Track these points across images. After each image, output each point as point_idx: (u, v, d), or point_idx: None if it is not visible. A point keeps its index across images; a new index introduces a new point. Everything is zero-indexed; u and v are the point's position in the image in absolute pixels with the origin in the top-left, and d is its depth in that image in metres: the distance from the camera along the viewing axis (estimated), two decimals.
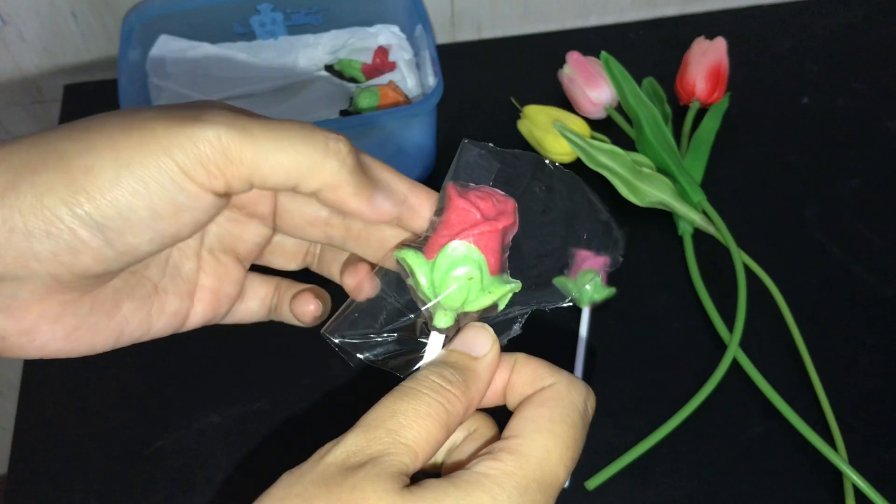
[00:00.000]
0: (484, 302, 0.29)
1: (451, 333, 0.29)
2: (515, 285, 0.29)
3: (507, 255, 0.29)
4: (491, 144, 0.30)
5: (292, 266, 0.35)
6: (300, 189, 0.27)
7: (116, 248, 0.26)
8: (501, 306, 0.30)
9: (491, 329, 0.29)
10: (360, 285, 0.32)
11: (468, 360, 0.29)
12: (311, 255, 0.35)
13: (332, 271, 0.34)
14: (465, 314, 0.29)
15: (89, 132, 0.26)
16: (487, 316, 0.30)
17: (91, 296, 0.28)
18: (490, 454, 0.26)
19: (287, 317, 0.35)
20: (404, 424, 0.26)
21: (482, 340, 0.29)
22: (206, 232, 0.32)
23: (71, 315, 0.27)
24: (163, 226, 0.26)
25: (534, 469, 0.26)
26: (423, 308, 0.29)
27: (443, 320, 0.29)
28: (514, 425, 0.27)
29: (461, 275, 0.28)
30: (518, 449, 0.26)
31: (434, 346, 0.29)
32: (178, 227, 0.27)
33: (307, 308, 0.33)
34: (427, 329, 0.30)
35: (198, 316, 0.32)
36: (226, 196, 0.27)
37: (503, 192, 0.29)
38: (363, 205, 0.28)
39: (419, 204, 0.30)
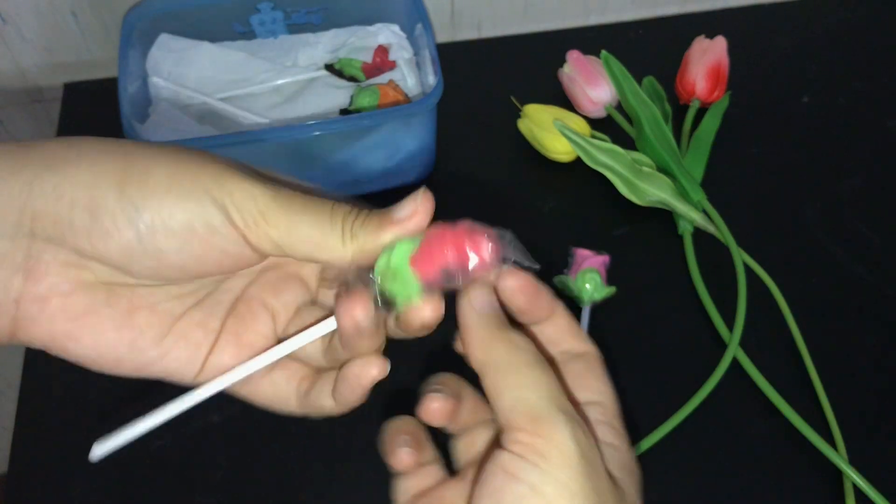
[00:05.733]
0: (395, 282, 0.29)
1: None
2: (416, 297, 0.29)
3: (451, 282, 0.29)
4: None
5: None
6: (325, 263, 0.30)
7: (145, 245, 0.28)
8: (400, 304, 0.29)
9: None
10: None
11: None
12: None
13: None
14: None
15: (153, 146, 0.29)
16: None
17: (108, 286, 0.29)
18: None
19: (320, 403, 0.32)
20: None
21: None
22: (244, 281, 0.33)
23: (83, 296, 0.29)
24: (193, 243, 0.28)
25: None
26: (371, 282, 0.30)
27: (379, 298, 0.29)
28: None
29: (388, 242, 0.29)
30: None
31: None
32: (206, 250, 0.28)
33: (369, 372, 0.30)
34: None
35: (217, 359, 0.32)
36: (256, 252, 0.29)
37: (488, 234, 0.29)
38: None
39: None
